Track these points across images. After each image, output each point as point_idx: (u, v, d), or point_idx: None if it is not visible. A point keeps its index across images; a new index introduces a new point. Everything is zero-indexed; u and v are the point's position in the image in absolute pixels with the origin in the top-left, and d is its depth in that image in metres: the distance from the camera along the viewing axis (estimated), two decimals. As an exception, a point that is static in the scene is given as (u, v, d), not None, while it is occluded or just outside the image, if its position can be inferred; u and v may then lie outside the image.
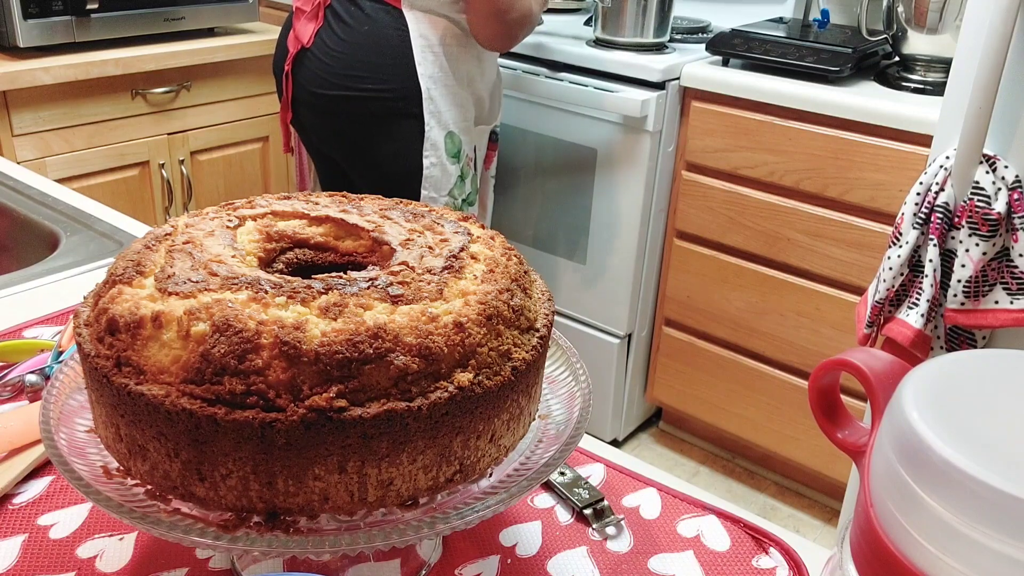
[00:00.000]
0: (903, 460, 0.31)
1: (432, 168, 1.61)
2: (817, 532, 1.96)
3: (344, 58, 1.55)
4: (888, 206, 1.65)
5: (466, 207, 1.71)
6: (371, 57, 1.54)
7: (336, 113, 1.60)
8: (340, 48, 1.55)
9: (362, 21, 1.54)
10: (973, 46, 1.11)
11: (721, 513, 0.62)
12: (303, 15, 1.59)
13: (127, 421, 0.44)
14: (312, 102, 1.61)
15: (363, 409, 0.42)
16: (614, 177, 1.94)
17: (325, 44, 1.56)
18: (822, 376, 0.40)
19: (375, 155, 1.62)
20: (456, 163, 1.64)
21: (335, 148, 1.67)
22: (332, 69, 1.56)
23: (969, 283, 1.14)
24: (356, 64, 1.55)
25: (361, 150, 1.63)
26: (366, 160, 1.63)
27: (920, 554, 0.30)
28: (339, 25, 1.56)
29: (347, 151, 1.64)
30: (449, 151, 1.62)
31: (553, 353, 0.58)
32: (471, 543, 0.58)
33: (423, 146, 1.60)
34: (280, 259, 0.55)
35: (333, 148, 1.67)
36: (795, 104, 1.71)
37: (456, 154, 1.63)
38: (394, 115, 1.58)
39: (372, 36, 1.54)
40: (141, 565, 0.55)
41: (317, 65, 1.57)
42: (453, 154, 1.63)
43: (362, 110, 1.57)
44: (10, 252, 1.07)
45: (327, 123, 1.63)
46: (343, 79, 1.55)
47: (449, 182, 1.64)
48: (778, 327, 1.89)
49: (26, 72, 1.79)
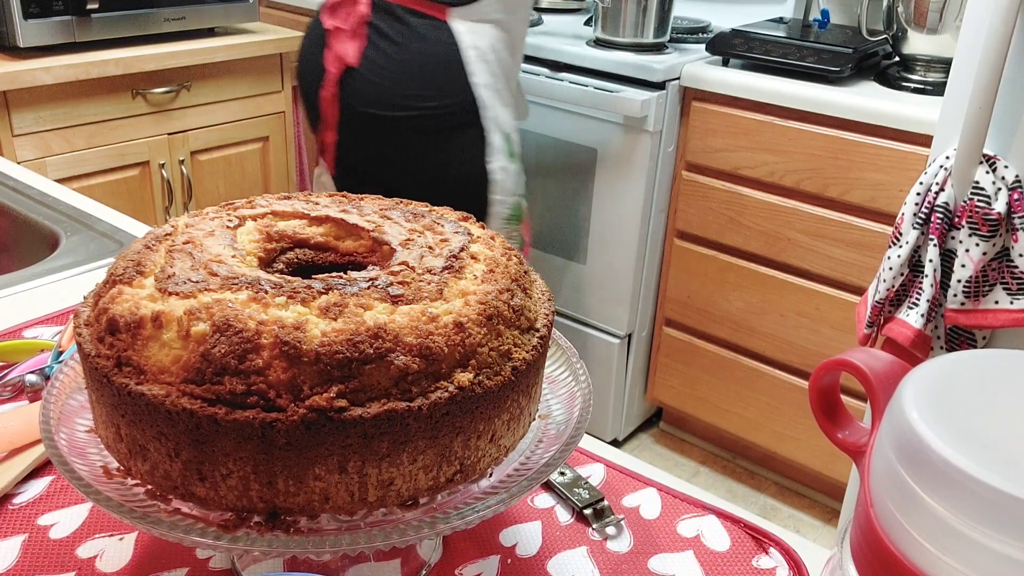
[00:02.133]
0: (903, 460, 0.31)
1: (499, 172, 1.61)
2: (817, 532, 1.96)
3: (398, 77, 1.51)
4: (888, 206, 1.65)
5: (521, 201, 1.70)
6: (426, 74, 1.52)
7: (394, 131, 1.55)
8: (392, 67, 1.52)
9: (410, 38, 1.52)
10: (973, 46, 1.11)
11: (721, 513, 0.62)
12: (342, 34, 1.55)
13: (127, 421, 0.44)
14: (365, 122, 1.56)
15: (363, 409, 0.42)
16: (614, 177, 1.94)
17: (375, 63, 1.52)
18: (822, 376, 0.40)
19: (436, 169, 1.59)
20: (514, 161, 1.64)
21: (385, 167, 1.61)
22: (387, 88, 1.52)
23: (969, 283, 1.14)
24: (411, 82, 1.52)
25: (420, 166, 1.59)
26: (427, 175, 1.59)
27: (920, 554, 0.30)
28: (386, 43, 1.52)
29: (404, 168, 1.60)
30: (507, 152, 1.62)
31: (553, 353, 0.58)
32: (471, 543, 0.58)
33: (486, 153, 1.59)
34: (280, 259, 0.55)
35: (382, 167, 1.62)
36: (795, 104, 1.71)
37: (512, 153, 1.63)
38: (454, 127, 1.56)
39: (424, 53, 1.51)
40: (141, 565, 0.55)
41: (367, 85, 1.53)
42: (510, 154, 1.62)
43: (422, 127, 1.54)
44: (10, 252, 1.07)
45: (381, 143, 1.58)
46: (401, 98, 1.52)
47: (511, 182, 1.64)
48: (778, 327, 1.89)
49: (26, 72, 1.79)
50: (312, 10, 2.44)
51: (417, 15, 1.52)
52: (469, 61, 1.53)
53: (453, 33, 1.53)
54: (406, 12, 1.52)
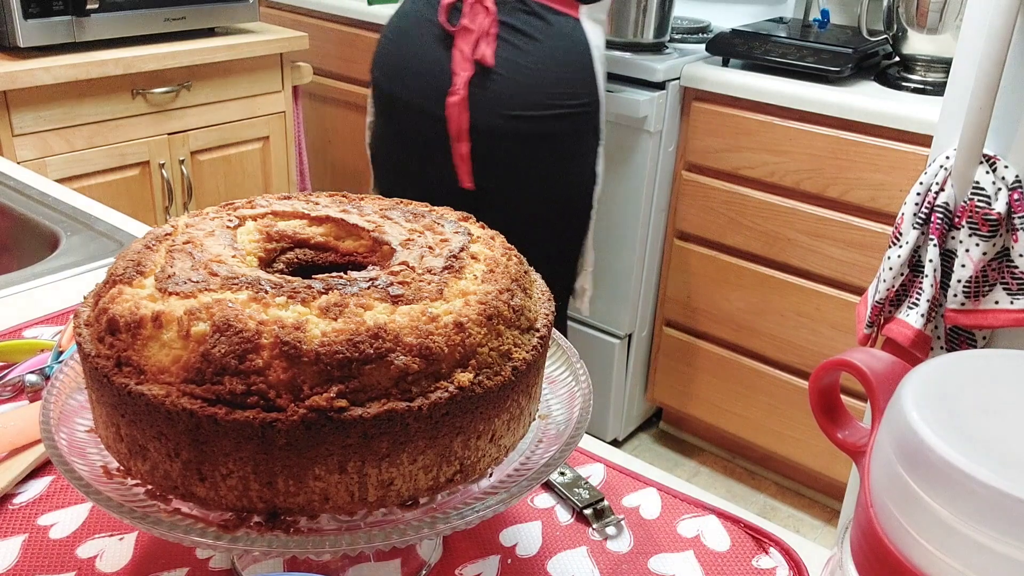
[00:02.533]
0: (903, 460, 0.31)
1: (600, 176, 1.59)
2: (817, 532, 1.96)
3: (537, 74, 1.45)
4: (888, 206, 1.65)
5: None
6: (563, 71, 1.47)
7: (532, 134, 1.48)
8: (531, 64, 1.44)
9: (549, 34, 1.46)
10: (973, 46, 1.11)
11: (721, 513, 0.62)
12: (469, 34, 1.45)
13: (127, 421, 0.44)
14: (504, 125, 1.46)
15: (363, 409, 0.42)
16: (614, 177, 1.94)
17: (511, 62, 1.44)
18: (822, 376, 0.40)
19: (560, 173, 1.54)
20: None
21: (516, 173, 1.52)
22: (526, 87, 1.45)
23: (969, 283, 1.14)
24: (556, 80, 1.46)
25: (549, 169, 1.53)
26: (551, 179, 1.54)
27: (920, 554, 0.30)
28: (522, 39, 1.45)
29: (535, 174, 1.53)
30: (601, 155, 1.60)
31: (553, 353, 0.58)
32: (471, 543, 0.58)
33: (598, 153, 1.57)
34: (280, 259, 0.55)
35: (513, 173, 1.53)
36: (795, 104, 1.71)
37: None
38: (587, 128, 1.53)
39: (563, 49, 1.46)
40: (141, 565, 0.55)
41: (508, 85, 1.45)
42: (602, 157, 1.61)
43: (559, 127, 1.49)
44: (10, 252, 1.07)
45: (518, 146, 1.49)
46: (547, 97, 1.45)
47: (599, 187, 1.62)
48: (778, 327, 1.89)
49: (26, 72, 1.78)
50: (313, 10, 2.45)
51: (553, 11, 1.47)
52: (596, 61, 1.51)
53: (584, 31, 1.49)
54: (543, 9, 1.46)
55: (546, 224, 1.61)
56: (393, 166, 1.66)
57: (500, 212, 1.58)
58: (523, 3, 1.46)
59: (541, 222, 1.60)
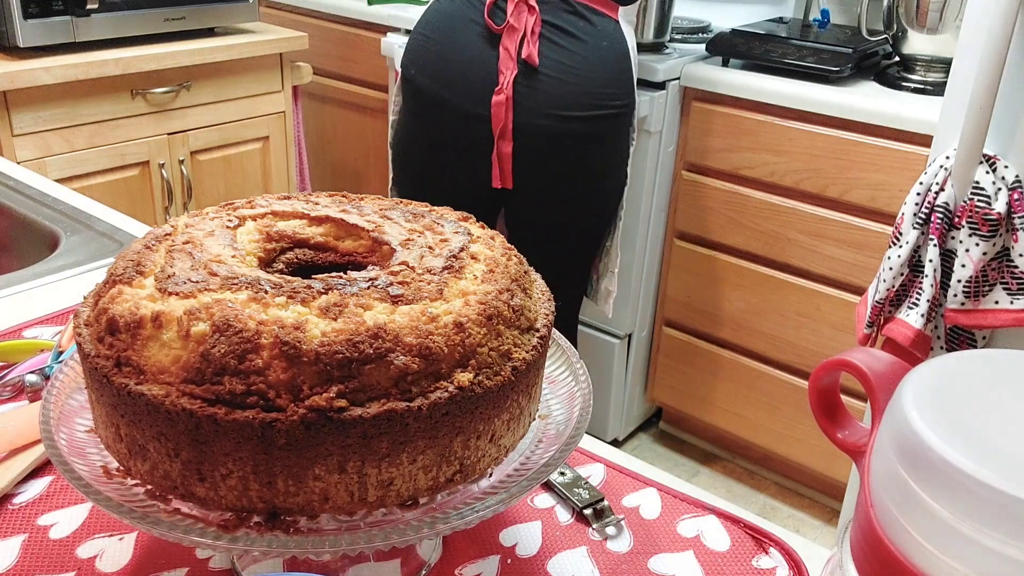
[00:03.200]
0: (903, 460, 0.31)
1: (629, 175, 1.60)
2: (817, 532, 1.96)
3: (589, 74, 1.45)
4: (888, 206, 1.65)
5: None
6: (610, 71, 1.47)
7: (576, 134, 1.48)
8: (576, 63, 1.45)
9: (593, 35, 1.46)
10: (973, 46, 1.11)
11: (721, 513, 0.62)
12: (515, 33, 1.44)
13: (127, 421, 0.44)
14: (549, 125, 1.46)
15: (363, 409, 0.42)
16: (614, 177, 1.94)
17: (557, 62, 1.44)
18: (822, 376, 0.40)
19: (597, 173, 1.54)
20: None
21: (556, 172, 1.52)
22: (571, 86, 1.45)
23: (969, 283, 1.14)
24: (600, 80, 1.46)
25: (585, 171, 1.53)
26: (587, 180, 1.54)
27: (920, 554, 0.30)
28: (568, 39, 1.45)
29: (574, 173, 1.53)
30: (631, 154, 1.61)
31: (553, 353, 0.58)
32: (471, 543, 0.58)
33: (629, 154, 1.58)
34: (280, 259, 0.55)
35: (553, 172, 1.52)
36: (795, 104, 1.71)
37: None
38: (624, 128, 1.54)
39: (608, 50, 1.47)
40: (141, 565, 0.55)
41: (554, 85, 1.44)
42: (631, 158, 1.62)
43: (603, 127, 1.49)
44: (10, 252, 1.07)
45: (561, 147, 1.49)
46: (590, 97, 1.45)
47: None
48: (778, 327, 1.89)
49: (26, 72, 1.78)
50: (313, 10, 2.45)
51: (596, 12, 1.47)
52: (632, 59, 1.52)
53: (623, 32, 1.51)
54: (587, 9, 1.47)
55: (573, 224, 1.61)
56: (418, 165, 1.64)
57: (528, 212, 1.59)
58: (566, 3, 1.46)
59: (568, 222, 1.60)
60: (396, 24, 2.19)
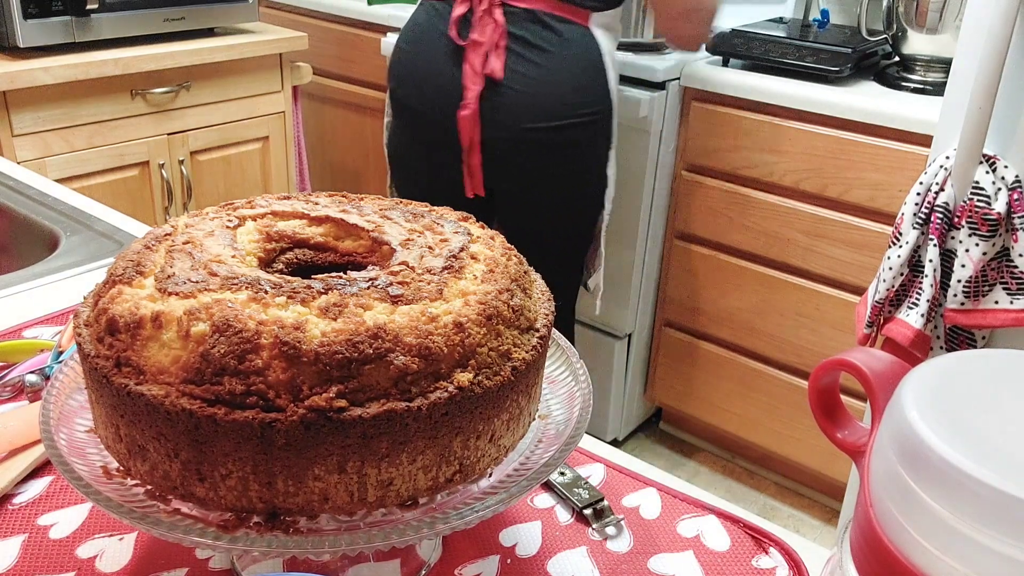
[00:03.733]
0: (903, 460, 0.31)
1: (611, 179, 1.60)
2: (817, 532, 1.96)
3: (550, 85, 1.45)
4: (888, 206, 1.65)
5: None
6: (578, 81, 1.47)
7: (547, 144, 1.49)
8: (543, 76, 1.45)
9: (560, 44, 1.46)
10: (973, 46, 1.11)
11: (721, 513, 0.62)
12: (479, 47, 1.45)
13: (127, 421, 0.44)
14: (517, 138, 1.48)
15: (363, 409, 0.42)
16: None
17: (522, 75, 1.45)
18: (822, 376, 0.40)
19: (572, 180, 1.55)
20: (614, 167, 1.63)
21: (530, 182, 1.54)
22: (541, 99, 1.45)
23: (969, 283, 1.14)
24: (567, 90, 1.46)
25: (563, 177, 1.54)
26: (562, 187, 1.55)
27: (920, 554, 0.30)
28: (533, 52, 1.45)
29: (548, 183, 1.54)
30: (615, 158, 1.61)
31: (553, 353, 0.58)
32: (471, 543, 0.58)
33: (609, 157, 1.58)
34: (280, 259, 0.55)
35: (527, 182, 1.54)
36: (795, 104, 1.71)
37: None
38: (599, 134, 1.54)
39: (578, 59, 1.47)
40: (141, 565, 0.55)
41: (519, 98, 1.45)
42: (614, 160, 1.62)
43: (574, 136, 1.50)
44: (10, 252, 1.07)
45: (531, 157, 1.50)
46: (560, 107, 1.46)
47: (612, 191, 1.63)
48: (778, 327, 1.89)
49: (26, 72, 1.78)
50: (313, 10, 2.45)
51: (565, 21, 1.46)
52: (608, 67, 1.52)
53: (595, 38, 1.50)
54: (553, 19, 1.46)
55: (557, 227, 1.62)
56: (410, 168, 1.67)
57: (513, 216, 1.60)
58: (531, 14, 1.45)
59: (552, 226, 1.61)
60: (396, 24, 2.18)
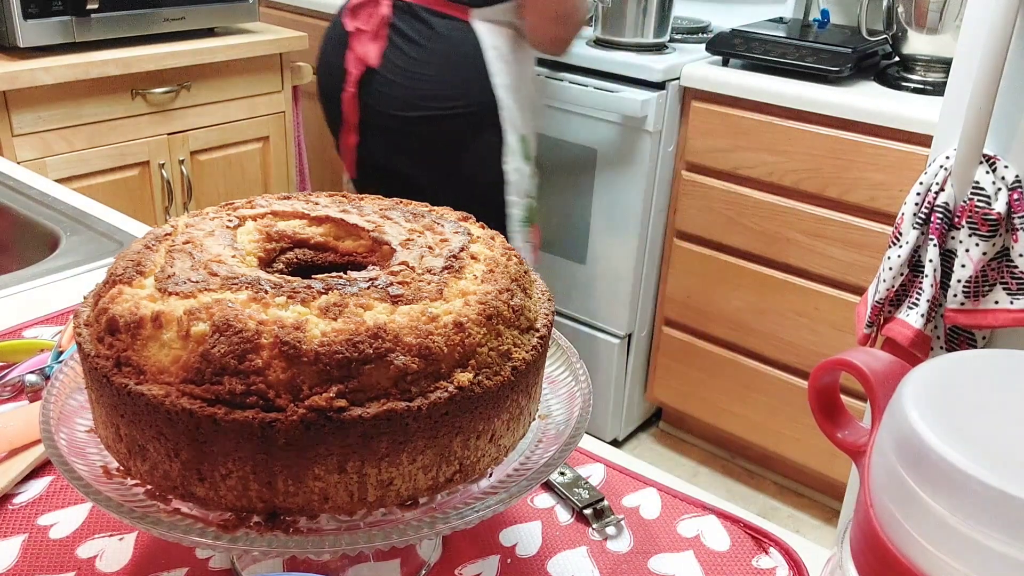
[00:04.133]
0: (903, 460, 0.31)
1: (514, 173, 1.62)
2: (817, 532, 1.96)
3: (420, 77, 1.52)
4: (888, 206, 1.65)
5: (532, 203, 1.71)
6: (448, 74, 1.52)
7: (415, 133, 1.56)
8: (414, 68, 1.52)
9: (432, 38, 1.52)
10: (973, 46, 1.11)
11: (721, 513, 0.62)
12: (363, 35, 1.55)
13: (127, 421, 0.44)
14: (388, 124, 1.57)
15: (363, 409, 0.42)
16: (614, 177, 1.94)
17: (395, 64, 1.53)
18: (822, 376, 0.40)
19: (459, 169, 1.60)
20: (529, 163, 1.65)
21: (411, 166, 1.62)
22: (409, 90, 1.53)
23: (969, 283, 1.14)
24: (434, 83, 1.52)
25: (444, 166, 1.60)
26: (449, 174, 1.61)
27: (920, 554, 0.30)
28: (408, 44, 1.52)
29: (427, 168, 1.61)
30: (524, 154, 1.63)
31: (553, 353, 0.58)
32: (471, 543, 0.58)
33: (503, 153, 1.60)
34: (280, 259, 0.55)
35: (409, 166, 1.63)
36: (795, 104, 1.71)
37: (528, 155, 1.64)
38: (475, 128, 1.57)
39: (446, 53, 1.52)
40: (141, 565, 0.55)
41: (390, 87, 1.54)
42: (526, 156, 1.63)
43: (444, 128, 1.55)
44: (10, 252, 1.07)
45: (404, 143, 1.59)
46: (423, 99, 1.52)
47: (525, 184, 1.65)
48: (777, 327, 1.89)
49: (26, 72, 1.78)
50: (313, 10, 2.45)
51: (440, 16, 1.52)
52: (490, 61, 1.54)
53: (475, 34, 1.53)
54: (429, 13, 1.52)
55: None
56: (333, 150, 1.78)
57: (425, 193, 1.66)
58: (411, 8, 1.52)
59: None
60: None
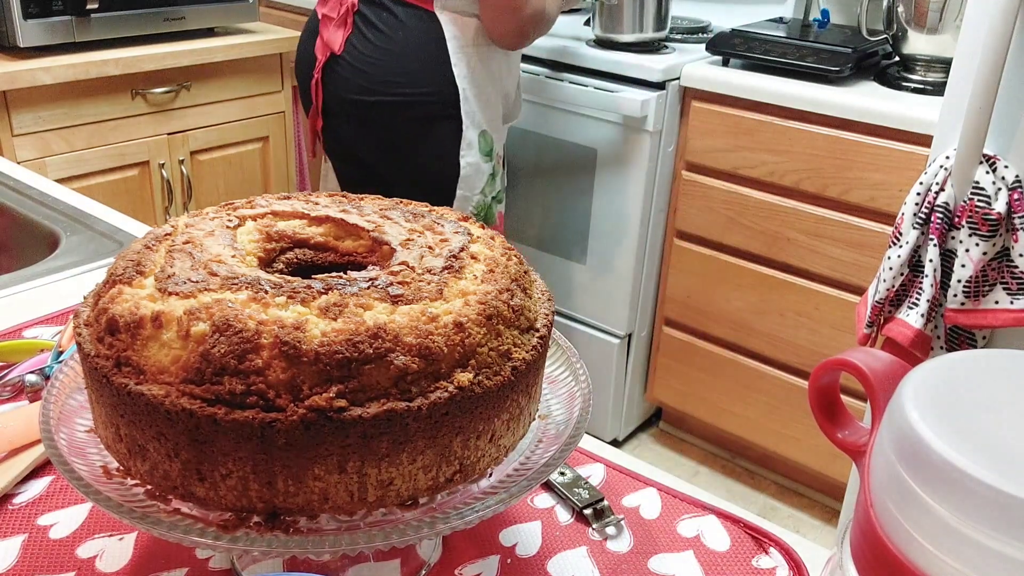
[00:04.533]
0: (903, 460, 0.31)
1: (468, 168, 1.63)
2: (817, 532, 1.96)
3: (380, 64, 1.55)
4: (888, 206, 1.65)
5: (495, 204, 1.71)
6: (407, 62, 1.54)
7: (373, 119, 1.60)
8: (374, 54, 1.55)
9: (395, 26, 1.55)
10: (973, 46, 1.11)
11: (721, 513, 0.62)
12: (331, 22, 1.59)
13: (127, 421, 0.44)
14: (347, 110, 1.61)
15: (363, 409, 0.42)
16: (614, 177, 1.94)
17: (357, 50, 1.56)
18: (822, 376, 0.40)
19: (414, 158, 1.63)
20: (489, 161, 1.66)
21: (370, 152, 1.66)
22: (368, 76, 1.56)
23: (969, 283, 1.14)
24: (392, 70, 1.55)
25: (400, 153, 1.63)
26: (405, 163, 1.64)
27: (920, 554, 0.30)
28: (371, 31, 1.55)
29: (384, 155, 1.64)
30: (482, 149, 1.63)
31: (553, 353, 0.58)
32: (471, 543, 0.58)
33: (460, 146, 1.61)
34: (280, 259, 0.55)
35: (368, 152, 1.67)
36: (795, 104, 1.71)
37: (488, 152, 1.65)
38: (432, 118, 1.59)
39: (407, 41, 1.54)
40: (141, 565, 0.55)
41: (351, 72, 1.57)
42: (486, 152, 1.64)
43: (400, 115, 1.58)
44: (10, 252, 1.07)
45: (363, 129, 1.62)
46: (380, 85, 1.55)
47: (482, 180, 1.66)
48: (778, 327, 1.89)
49: (26, 72, 1.78)
50: (313, 10, 2.45)
51: (404, 5, 1.54)
52: (451, 52, 1.55)
53: (439, 23, 1.55)
54: (393, 2, 1.55)
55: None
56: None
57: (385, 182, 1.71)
58: None
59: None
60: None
